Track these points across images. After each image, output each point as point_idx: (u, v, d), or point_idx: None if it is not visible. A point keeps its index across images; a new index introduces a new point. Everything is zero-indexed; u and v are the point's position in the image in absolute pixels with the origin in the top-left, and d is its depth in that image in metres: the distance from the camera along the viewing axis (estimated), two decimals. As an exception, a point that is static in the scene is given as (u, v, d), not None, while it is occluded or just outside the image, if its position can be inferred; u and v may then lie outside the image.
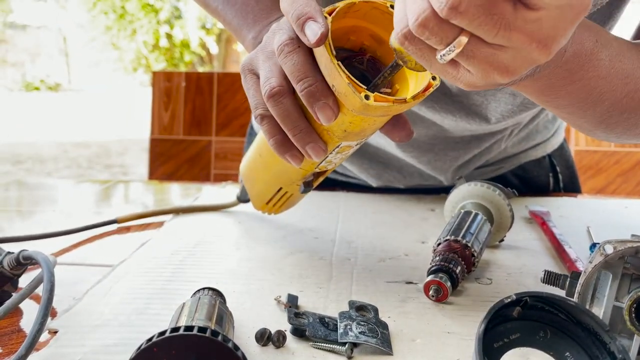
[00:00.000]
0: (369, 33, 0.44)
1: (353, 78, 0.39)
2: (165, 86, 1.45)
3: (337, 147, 0.46)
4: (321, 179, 0.54)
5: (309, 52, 0.41)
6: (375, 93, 0.39)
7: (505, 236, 0.59)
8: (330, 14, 0.40)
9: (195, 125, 1.45)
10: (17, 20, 16.06)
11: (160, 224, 0.67)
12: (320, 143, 0.44)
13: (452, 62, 0.33)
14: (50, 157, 5.30)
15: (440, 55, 0.32)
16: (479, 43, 0.30)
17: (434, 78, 0.41)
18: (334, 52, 0.39)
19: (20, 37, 15.61)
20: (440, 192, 0.79)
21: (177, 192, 0.91)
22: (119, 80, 14.02)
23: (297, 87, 0.41)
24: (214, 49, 12.66)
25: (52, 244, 0.59)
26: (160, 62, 12.97)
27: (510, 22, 0.28)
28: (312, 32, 0.38)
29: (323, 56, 0.39)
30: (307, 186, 0.53)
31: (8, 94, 12.21)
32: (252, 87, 0.46)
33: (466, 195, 0.58)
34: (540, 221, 0.66)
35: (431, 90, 0.40)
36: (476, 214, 0.54)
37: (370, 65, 0.45)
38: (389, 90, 0.44)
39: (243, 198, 0.69)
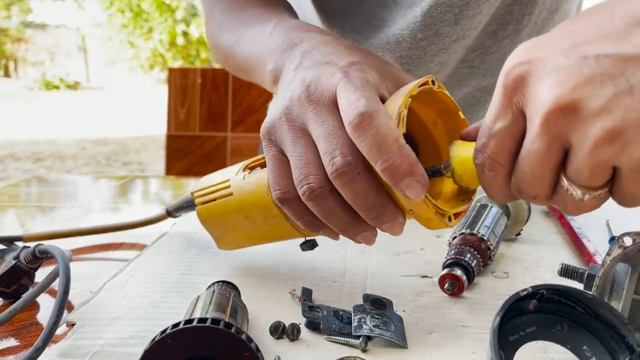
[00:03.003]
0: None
1: (437, 206, 0.35)
2: (181, 83, 1.46)
3: None
4: None
5: (371, 174, 0.35)
6: (453, 210, 0.36)
7: (522, 230, 0.58)
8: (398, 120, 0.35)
9: (211, 122, 1.45)
10: (36, 20, 16.30)
11: (176, 218, 0.68)
12: (372, 231, 0.38)
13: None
14: (70, 154, 5.37)
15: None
16: None
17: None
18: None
19: (40, 36, 15.84)
20: (456, 186, 0.78)
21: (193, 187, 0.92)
22: (136, 78, 14.16)
23: (362, 214, 0.36)
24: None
25: (70, 239, 0.60)
26: (177, 59, 13.06)
27: None
28: (417, 194, 0.33)
29: None
30: (311, 247, 0.47)
31: (28, 93, 12.39)
32: (273, 164, 0.39)
33: (482, 188, 0.58)
34: (558, 214, 0.65)
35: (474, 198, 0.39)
36: (492, 207, 0.53)
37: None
38: None
39: (174, 214, 0.60)
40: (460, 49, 0.63)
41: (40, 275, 0.46)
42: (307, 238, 0.47)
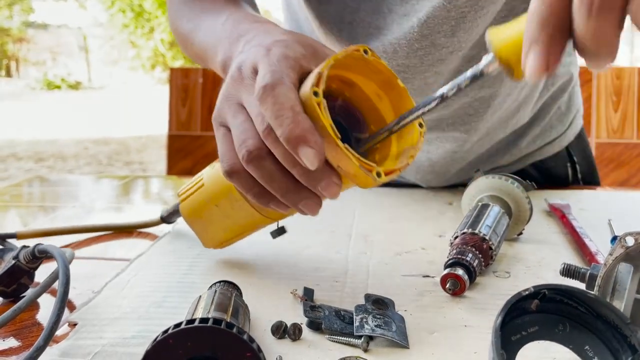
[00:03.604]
0: (339, 78, 0.40)
1: (362, 159, 0.36)
2: (182, 83, 1.46)
3: None
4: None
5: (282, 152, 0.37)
6: (384, 168, 0.37)
7: (523, 229, 0.58)
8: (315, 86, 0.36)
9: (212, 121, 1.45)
10: (38, 20, 16.31)
11: (178, 218, 0.68)
12: (314, 198, 0.39)
13: None
14: (71, 154, 5.38)
15: None
16: None
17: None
18: (339, 135, 0.35)
19: (42, 36, 15.85)
20: (457, 185, 0.78)
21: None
22: (137, 78, 14.16)
23: (295, 172, 0.38)
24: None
25: (73, 237, 0.60)
26: (178, 59, 13.06)
27: None
28: (310, 161, 0.35)
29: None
30: (280, 233, 0.49)
31: (30, 93, 12.40)
32: (221, 142, 0.41)
33: (484, 188, 0.58)
34: (559, 214, 0.65)
35: (422, 141, 0.40)
36: (494, 207, 0.53)
37: (342, 110, 0.42)
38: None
39: (168, 220, 0.61)
40: (456, 59, 0.64)
41: (40, 274, 0.47)
42: (279, 226, 0.49)
